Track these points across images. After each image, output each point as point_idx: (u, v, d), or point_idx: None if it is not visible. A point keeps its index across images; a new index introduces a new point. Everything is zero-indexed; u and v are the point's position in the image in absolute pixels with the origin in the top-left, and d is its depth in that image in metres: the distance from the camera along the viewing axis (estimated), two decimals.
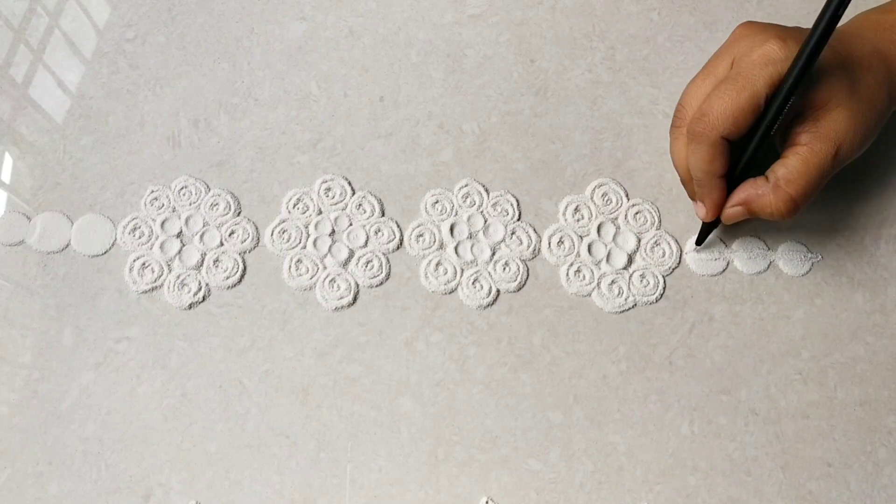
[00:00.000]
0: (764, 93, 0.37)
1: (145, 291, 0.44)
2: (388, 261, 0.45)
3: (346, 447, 0.42)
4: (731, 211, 0.41)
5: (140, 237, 0.45)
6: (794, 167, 0.39)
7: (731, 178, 0.41)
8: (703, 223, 0.43)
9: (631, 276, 0.45)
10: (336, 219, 0.46)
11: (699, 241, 0.44)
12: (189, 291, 0.44)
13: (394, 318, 0.44)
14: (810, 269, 0.45)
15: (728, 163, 0.40)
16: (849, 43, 0.40)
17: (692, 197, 0.43)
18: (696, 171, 0.40)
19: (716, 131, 0.38)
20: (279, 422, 0.42)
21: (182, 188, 0.46)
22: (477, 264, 0.45)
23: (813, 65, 0.36)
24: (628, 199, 0.46)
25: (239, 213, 0.46)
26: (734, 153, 0.40)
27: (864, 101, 0.39)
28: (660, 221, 0.46)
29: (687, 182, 0.42)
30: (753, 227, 0.46)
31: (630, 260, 0.45)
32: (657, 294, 0.44)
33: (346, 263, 0.45)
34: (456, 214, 0.46)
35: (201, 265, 0.45)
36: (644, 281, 0.45)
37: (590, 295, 0.44)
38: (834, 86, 0.38)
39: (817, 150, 0.38)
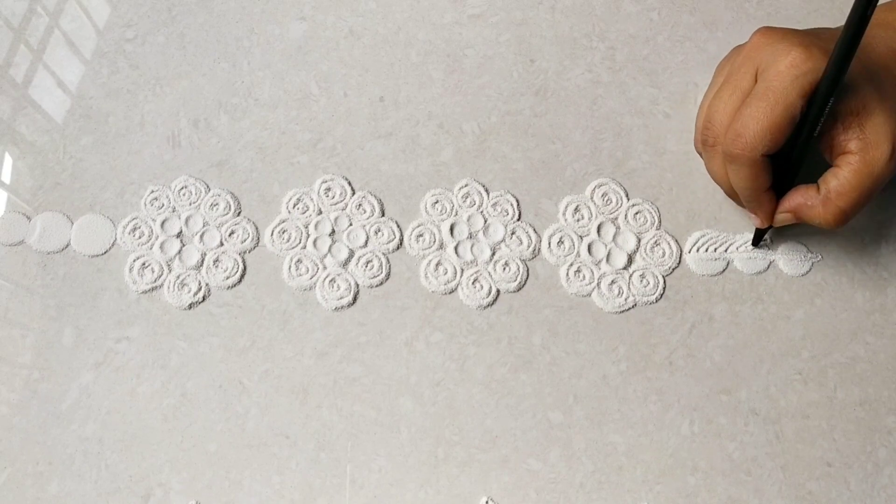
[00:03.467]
0: (798, 104, 0.37)
1: (145, 291, 0.44)
2: (388, 261, 0.45)
3: (346, 447, 0.42)
4: (781, 217, 0.41)
5: (140, 237, 0.45)
6: (846, 179, 0.38)
7: (779, 188, 0.41)
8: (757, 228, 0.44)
9: (631, 276, 0.45)
10: (336, 219, 0.46)
11: (755, 243, 0.45)
12: (189, 291, 0.44)
13: (394, 318, 0.44)
14: (810, 269, 0.45)
15: (771, 175, 0.39)
16: (864, 44, 0.39)
17: (742, 206, 0.43)
18: (742, 189, 0.40)
19: (755, 151, 0.38)
20: (279, 422, 0.42)
21: (182, 188, 0.46)
22: (477, 264, 0.45)
23: (850, 62, 0.35)
24: (628, 199, 0.46)
25: (239, 213, 0.46)
26: (776, 163, 0.40)
27: (892, 99, 0.38)
28: (660, 221, 0.46)
29: (732, 196, 0.42)
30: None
31: (630, 260, 0.45)
32: (657, 294, 0.44)
33: (346, 263, 0.45)
34: (456, 214, 0.46)
35: (201, 265, 0.45)
36: (644, 281, 0.45)
37: (590, 295, 0.44)
38: (863, 89, 0.38)
39: (870, 159, 0.38)
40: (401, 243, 0.45)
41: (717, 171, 0.41)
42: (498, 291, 0.44)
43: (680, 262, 0.45)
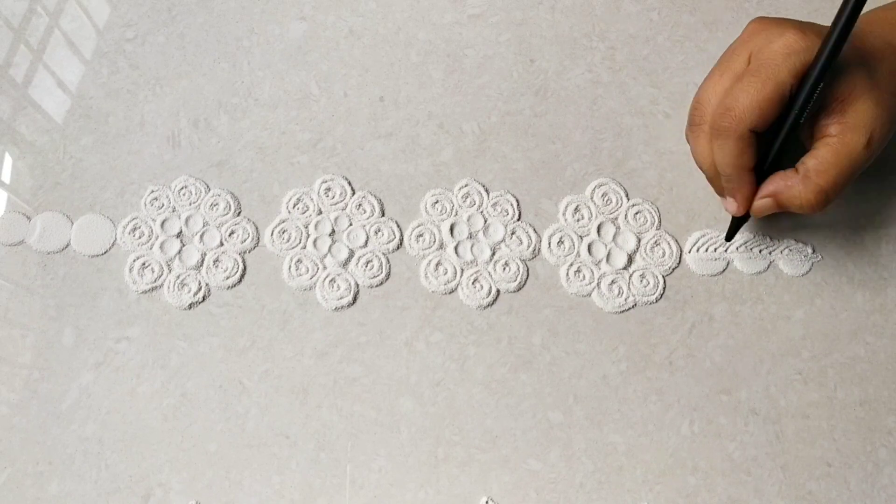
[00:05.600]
0: (789, 83, 0.37)
1: (145, 291, 0.44)
2: (388, 261, 0.45)
3: (346, 447, 0.42)
4: (760, 203, 0.40)
5: (140, 237, 0.45)
6: (824, 157, 0.38)
7: (760, 171, 0.40)
8: (733, 218, 0.43)
9: (631, 276, 0.45)
10: (336, 219, 0.46)
11: (729, 237, 0.44)
12: (189, 291, 0.44)
13: (394, 318, 0.44)
14: (810, 269, 0.45)
15: (756, 155, 0.39)
16: (861, 37, 0.39)
17: (720, 193, 0.42)
18: (725, 166, 0.39)
19: (743, 124, 0.37)
20: (279, 422, 0.42)
21: (182, 188, 0.46)
22: (477, 264, 0.45)
23: (842, 47, 0.35)
24: (628, 199, 0.46)
25: (239, 213, 0.46)
26: (760, 146, 0.39)
27: (885, 89, 0.38)
28: (660, 221, 0.46)
29: (713, 179, 0.41)
30: (753, 226, 0.46)
31: (630, 260, 0.45)
32: (657, 294, 0.44)
33: (346, 263, 0.45)
34: (456, 214, 0.46)
35: (201, 265, 0.45)
36: (644, 281, 0.45)
37: (590, 295, 0.44)
38: (855, 76, 0.38)
39: (848, 141, 0.38)
40: (401, 243, 0.45)
41: (702, 151, 0.41)
42: (498, 291, 0.44)
43: (680, 262, 0.45)
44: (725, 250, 0.45)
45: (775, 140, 0.39)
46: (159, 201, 0.46)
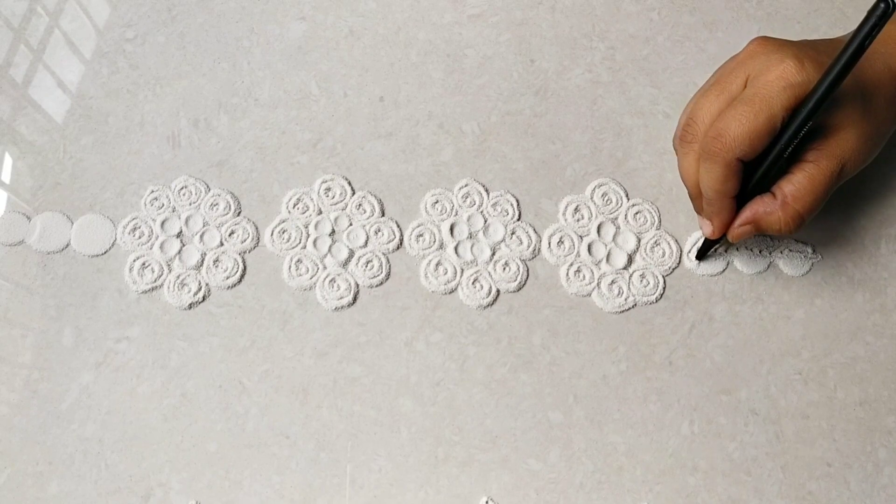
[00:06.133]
0: (781, 116, 0.37)
1: (145, 291, 0.44)
2: (388, 261, 0.45)
3: (346, 447, 0.42)
4: (739, 230, 0.41)
5: (140, 237, 0.45)
6: (800, 184, 0.39)
7: (740, 197, 0.40)
8: (706, 239, 0.43)
9: (631, 276, 0.45)
10: (336, 219, 0.46)
11: (700, 256, 0.44)
12: (189, 291, 0.44)
13: (394, 318, 0.44)
14: (810, 269, 0.45)
15: (740, 183, 0.39)
16: (862, 61, 0.39)
17: (698, 212, 0.42)
18: (708, 189, 0.40)
19: (732, 153, 0.38)
20: (279, 422, 0.42)
21: (182, 188, 0.46)
22: (477, 264, 0.45)
23: (833, 93, 0.36)
24: (628, 199, 0.46)
25: (239, 213, 0.46)
26: (745, 174, 0.39)
27: (874, 122, 0.39)
28: (660, 221, 0.46)
29: (695, 197, 0.42)
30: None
31: (630, 260, 0.45)
32: (657, 294, 0.44)
33: (346, 263, 0.45)
34: (456, 214, 0.46)
35: (201, 265, 0.45)
36: (644, 281, 0.45)
37: (590, 295, 0.44)
38: (848, 108, 0.38)
39: (823, 168, 0.38)
40: (401, 243, 0.45)
41: (689, 168, 0.41)
42: (498, 291, 0.44)
43: (680, 262, 0.45)
44: (698, 266, 0.45)
45: (758, 168, 0.39)
46: (159, 201, 0.46)
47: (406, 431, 0.42)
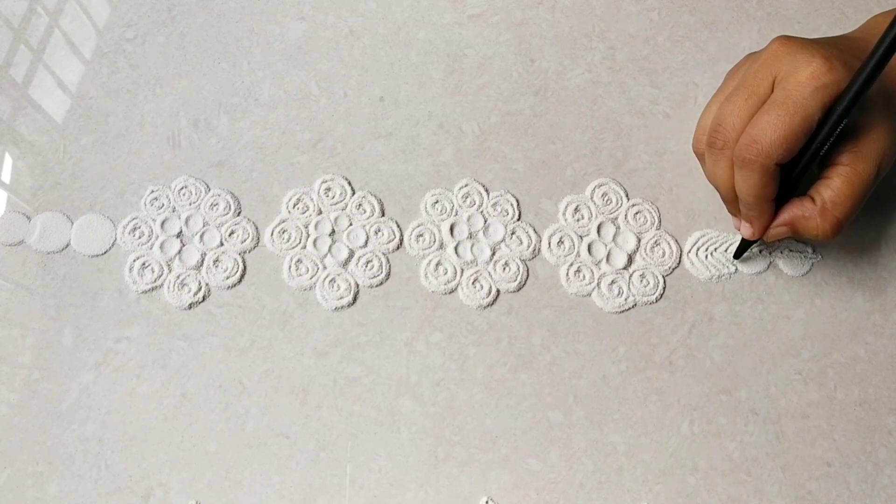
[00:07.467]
0: (816, 116, 0.37)
1: (145, 291, 0.44)
2: (388, 261, 0.45)
3: (346, 447, 0.42)
4: (776, 231, 0.41)
5: (140, 237, 0.45)
6: (839, 189, 0.38)
7: (778, 198, 0.40)
8: (743, 239, 0.43)
9: (631, 276, 0.45)
10: (336, 219, 0.46)
11: (738, 255, 0.44)
12: (189, 291, 0.44)
13: (394, 318, 0.44)
14: (810, 269, 0.45)
15: (778, 186, 0.39)
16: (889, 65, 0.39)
17: (733, 214, 0.42)
18: (747, 196, 0.39)
19: (770, 159, 0.37)
20: (279, 422, 0.42)
21: (182, 188, 0.46)
22: (477, 264, 0.45)
23: (870, 87, 0.35)
24: (628, 199, 0.46)
25: (239, 213, 0.46)
26: (782, 177, 0.39)
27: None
28: (660, 221, 0.46)
29: (730, 201, 0.41)
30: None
31: (630, 260, 0.45)
32: (657, 294, 0.44)
33: (346, 263, 0.45)
34: (456, 214, 0.46)
35: (201, 265, 0.45)
36: (644, 281, 0.45)
37: (590, 295, 0.44)
38: (876, 105, 0.38)
39: (860, 171, 0.38)
40: (401, 243, 0.45)
41: (722, 174, 0.40)
42: (498, 291, 0.44)
43: (680, 262, 0.45)
44: (735, 271, 0.45)
45: (794, 168, 0.39)
46: (159, 201, 0.46)
47: (406, 431, 0.42)
